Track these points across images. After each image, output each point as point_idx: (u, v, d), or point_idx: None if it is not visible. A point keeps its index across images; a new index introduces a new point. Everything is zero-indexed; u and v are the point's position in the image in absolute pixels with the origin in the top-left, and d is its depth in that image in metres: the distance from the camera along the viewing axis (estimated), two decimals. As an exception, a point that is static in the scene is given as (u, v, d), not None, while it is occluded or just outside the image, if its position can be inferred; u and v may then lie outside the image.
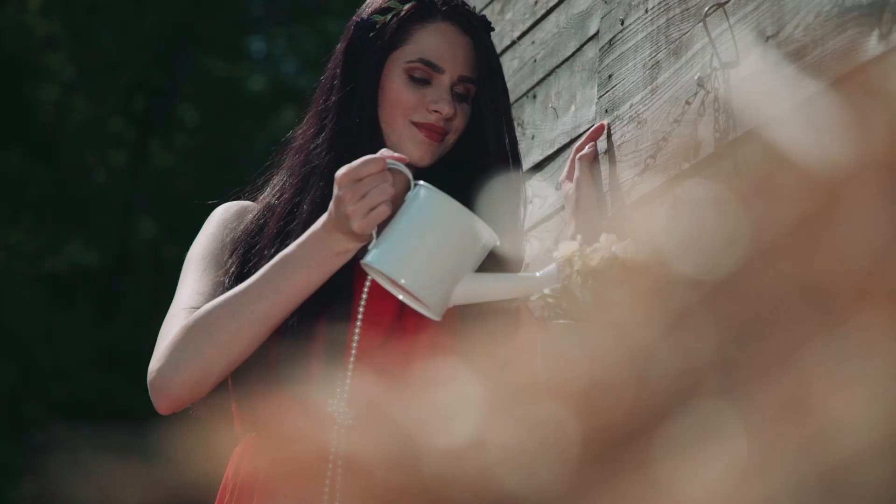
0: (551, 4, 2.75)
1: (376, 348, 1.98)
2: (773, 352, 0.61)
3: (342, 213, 1.85)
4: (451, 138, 2.10)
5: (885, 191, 0.63)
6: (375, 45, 2.09)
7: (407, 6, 2.10)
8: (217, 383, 1.96)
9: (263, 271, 1.94)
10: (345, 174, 1.85)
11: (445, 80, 2.09)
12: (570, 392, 0.62)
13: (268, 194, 2.13)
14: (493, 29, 2.18)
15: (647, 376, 0.61)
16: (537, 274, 1.83)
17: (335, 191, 1.86)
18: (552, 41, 2.73)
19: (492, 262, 1.95)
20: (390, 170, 1.87)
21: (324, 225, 1.90)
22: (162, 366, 1.95)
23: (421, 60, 2.08)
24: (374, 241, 1.86)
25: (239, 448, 2.04)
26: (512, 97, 2.88)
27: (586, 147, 2.36)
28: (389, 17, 2.10)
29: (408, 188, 1.87)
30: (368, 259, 1.84)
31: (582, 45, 2.58)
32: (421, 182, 1.86)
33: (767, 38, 1.93)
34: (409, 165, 2.01)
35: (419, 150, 2.06)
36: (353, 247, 1.90)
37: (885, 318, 0.60)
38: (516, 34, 2.91)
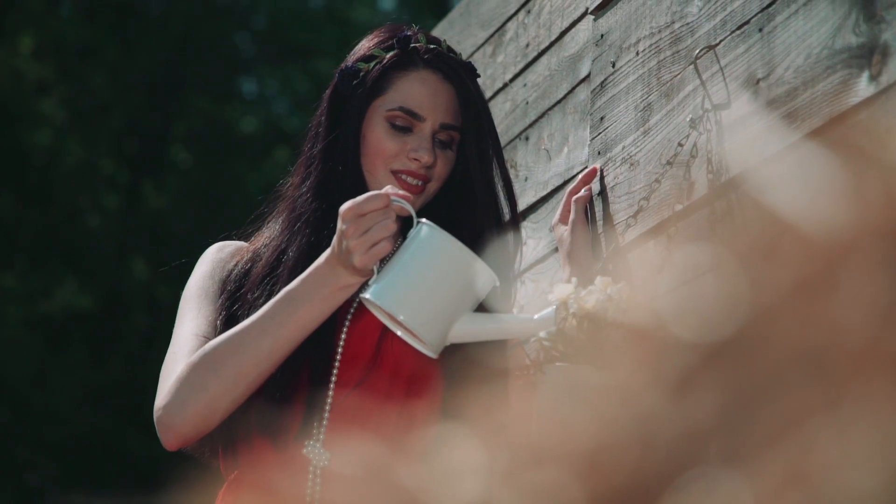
0: (543, 47, 2.76)
1: (352, 389, 2.00)
2: (777, 418, 0.61)
3: (344, 247, 1.87)
4: (433, 186, 2.11)
5: (882, 247, 0.64)
6: (358, 92, 2.11)
7: (389, 54, 2.11)
8: (223, 418, 1.97)
9: (268, 307, 1.95)
10: (349, 209, 1.86)
11: (426, 127, 2.10)
12: (572, 453, 0.62)
13: (256, 239, 2.15)
14: (478, 75, 2.18)
15: (650, 439, 0.61)
16: (535, 316, 1.83)
17: (339, 224, 1.88)
18: (544, 83, 2.74)
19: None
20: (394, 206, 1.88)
21: (327, 259, 1.92)
22: (168, 402, 1.95)
23: (401, 109, 2.09)
24: (374, 277, 1.87)
25: (222, 491, 2.05)
26: (504, 139, 2.89)
27: (581, 190, 2.37)
28: (372, 64, 2.11)
29: (411, 225, 1.89)
30: (368, 294, 1.85)
31: (574, 88, 2.60)
32: (423, 220, 1.87)
33: (758, 81, 1.94)
34: None
35: None
36: (354, 281, 1.91)
37: (887, 385, 0.60)
38: (508, 77, 2.92)
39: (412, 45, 2.11)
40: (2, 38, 10.63)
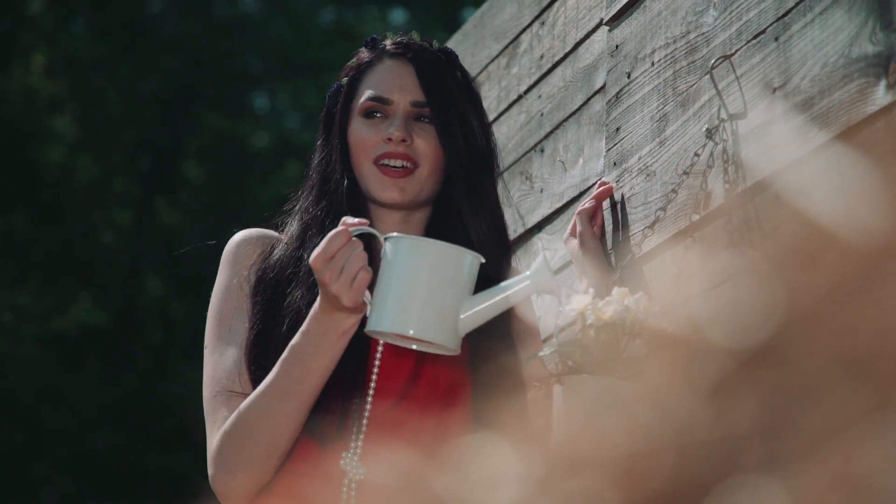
0: (557, 58, 2.77)
1: (390, 406, 2.03)
2: (818, 424, 0.60)
3: (330, 294, 1.89)
4: (423, 170, 2.14)
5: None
6: (341, 103, 2.20)
7: (361, 58, 2.21)
8: (276, 470, 2.02)
9: (280, 367, 1.99)
10: (316, 257, 1.89)
11: (398, 109, 2.15)
12: (607, 461, 0.61)
13: (278, 249, 2.18)
14: (455, 55, 2.22)
15: (686, 445, 0.61)
16: (528, 273, 1.86)
17: (316, 276, 1.90)
18: (559, 95, 2.74)
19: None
20: (360, 235, 1.90)
21: (321, 309, 1.94)
22: (218, 474, 2.02)
23: (369, 98, 2.16)
24: (369, 307, 1.88)
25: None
26: (519, 151, 2.90)
27: (587, 203, 2.38)
28: (350, 75, 2.21)
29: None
30: (370, 326, 1.87)
31: (589, 99, 2.60)
32: (390, 234, 1.90)
33: (774, 90, 1.94)
34: (389, 205, 2.13)
35: (387, 190, 2.12)
36: (353, 321, 1.95)
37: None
38: (523, 88, 2.93)
39: (380, 44, 2.20)
40: (15, 56, 10.67)
